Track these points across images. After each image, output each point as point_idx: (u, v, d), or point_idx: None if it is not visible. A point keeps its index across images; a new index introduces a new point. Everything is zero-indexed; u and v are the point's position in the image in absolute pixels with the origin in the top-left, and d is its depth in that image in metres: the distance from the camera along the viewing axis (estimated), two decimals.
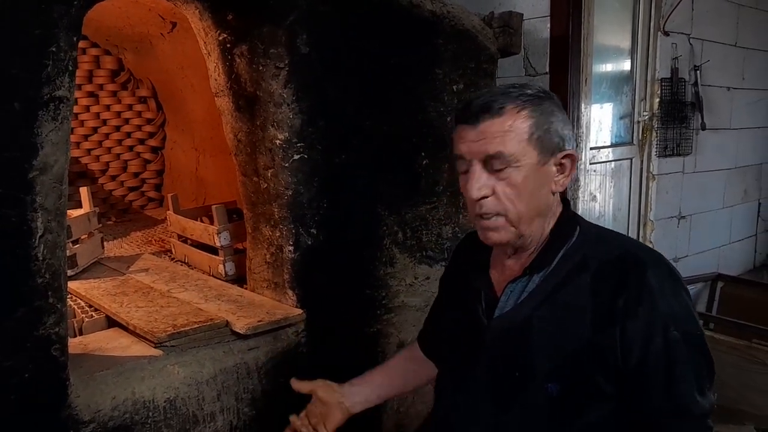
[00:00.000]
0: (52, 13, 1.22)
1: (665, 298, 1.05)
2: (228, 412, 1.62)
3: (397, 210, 2.03)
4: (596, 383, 1.05)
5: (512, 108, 1.08)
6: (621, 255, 1.10)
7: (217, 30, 1.76)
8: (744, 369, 2.49)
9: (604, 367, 1.05)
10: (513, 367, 1.12)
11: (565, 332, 1.08)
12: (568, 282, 1.10)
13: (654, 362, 1.03)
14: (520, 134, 1.07)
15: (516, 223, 1.11)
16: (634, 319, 1.03)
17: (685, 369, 1.04)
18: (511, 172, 1.08)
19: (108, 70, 3.00)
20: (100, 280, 2.08)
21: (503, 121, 1.07)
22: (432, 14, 2.05)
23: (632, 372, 1.04)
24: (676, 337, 1.04)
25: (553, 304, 1.10)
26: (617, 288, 1.06)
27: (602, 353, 1.05)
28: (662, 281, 1.06)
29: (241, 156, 1.88)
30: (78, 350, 1.57)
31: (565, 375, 1.07)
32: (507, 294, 1.16)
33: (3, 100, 1.18)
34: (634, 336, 1.03)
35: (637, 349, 1.03)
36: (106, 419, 1.39)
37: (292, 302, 1.84)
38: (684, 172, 3.90)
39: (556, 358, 1.08)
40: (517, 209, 1.10)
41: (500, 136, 1.07)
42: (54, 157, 1.26)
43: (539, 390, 1.08)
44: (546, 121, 1.09)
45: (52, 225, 1.28)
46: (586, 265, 1.10)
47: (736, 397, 2.49)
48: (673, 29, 3.59)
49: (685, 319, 1.06)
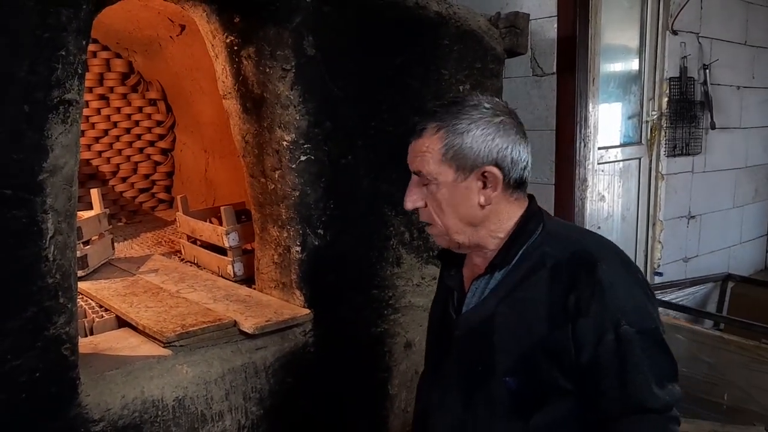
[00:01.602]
0: (61, 16, 1.24)
1: (616, 294, 1.06)
2: (236, 411, 1.64)
3: (403, 210, 2.03)
4: (553, 379, 1.08)
5: (431, 128, 1.14)
6: (575, 252, 1.12)
7: (225, 32, 1.77)
8: (753, 369, 2.48)
9: (560, 364, 1.08)
10: (477, 362, 1.17)
11: (523, 328, 1.11)
12: (527, 279, 1.13)
13: (607, 359, 1.05)
14: (434, 154, 1.13)
15: (451, 233, 1.17)
16: (586, 316, 1.06)
17: (640, 363, 1.05)
18: (433, 188, 1.15)
19: (118, 72, 3.03)
20: (111, 280, 2.10)
21: (423, 141, 1.15)
22: (438, 15, 2.06)
23: (586, 369, 1.06)
24: (629, 332, 1.05)
25: (513, 301, 1.14)
26: (570, 285, 1.08)
27: (557, 350, 1.07)
28: (613, 277, 1.08)
29: (249, 157, 1.90)
30: (88, 350, 1.59)
31: (522, 370, 1.10)
32: (472, 291, 1.21)
33: (13, 103, 1.20)
34: (586, 333, 1.05)
35: (589, 346, 1.05)
36: (115, 418, 1.41)
37: (299, 302, 1.85)
38: (693, 171, 3.87)
39: (515, 353, 1.11)
40: (443, 222, 1.16)
41: (420, 156, 1.15)
42: (64, 159, 1.28)
43: (499, 384, 1.12)
44: (459, 140, 1.12)
45: (62, 226, 1.29)
46: (543, 262, 1.13)
47: (745, 397, 2.48)
48: (682, 28, 3.57)
49: (637, 313, 1.07)
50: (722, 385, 2.59)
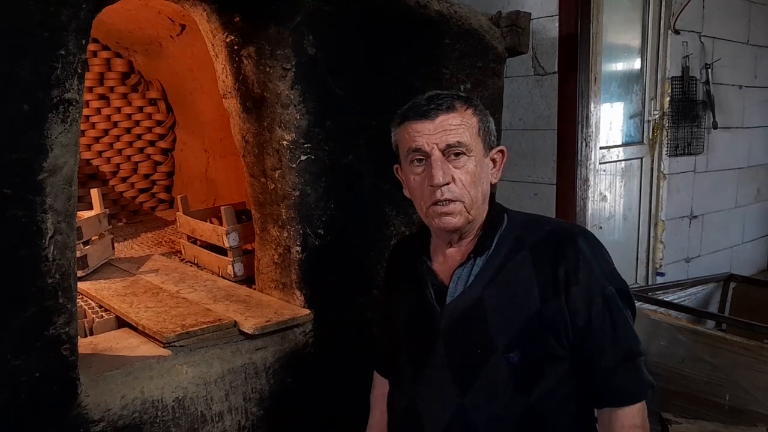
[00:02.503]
0: (61, 16, 1.23)
1: (597, 261, 1.20)
2: (236, 411, 1.63)
3: (404, 210, 2.03)
4: (551, 346, 1.17)
5: (460, 106, 1.22)
6: (551, 230, 1.24)
7: (225, 32, 1.77)
8: (756, 370, 2.46)
9: (556, 331, 1.17)
10: (473, 346, 1.21)
11: (515, 305, 1.19)
12: (509, 261, 1.22)
13: (599, 319, 1.17)
14: (471, 127, 1.21)
15: (469, 208, 1.21)
16: (576, 284, 1.17)
17: (624, 318, 1.20)
18: (467, 160, 1.20)
19: (118, 72, 3.03)
20: (111, 280, 2.10)
21: (456, 115, 1.20)
22: (439, 14, 2.05)
23: (582, 331, 1.17)
24: (612, 292, 1.19)
25: (499, 282, 1.22)
26: (556, 259, 1.19)
27: (552, 319, 1.17)
28: (591, 248, 1.21)
29: (249, 157, 1.89)
30: (88, 350, 1.59)
31: (523, 342, 1.17)
32: (455, 280, 1.25)
33: (13, 103, 1.19)
34: (578, 299, 1.17)
35: (583, 309, 1.17)
36: (115, 418, 1.41)
37: (299, 302, 1.85)
38: (695, 171, 3.87)
39: (512, 329, 1.18)
40: (471, 195, 1.21)
41: (456, 128, 1.19)
42: (63, 159, 1.28)
43: (501, 361, 1.18)
44: (486, 119, 1.25)
45: (61, 226, 1.29)
46: (522, 244, 1.23)
47: (748, 397, 2.47)
48: (684, 27, 3.57)
49: (614, 276, 1.22)
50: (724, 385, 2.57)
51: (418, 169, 1.23)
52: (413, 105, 1.24)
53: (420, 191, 1.23)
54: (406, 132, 1.23)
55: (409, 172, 1.25)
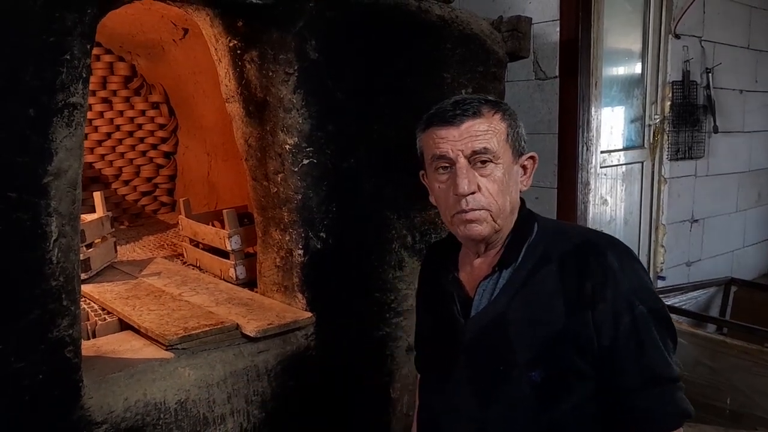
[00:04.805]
0: (66, 21, 1.25)
1: (627, 277, 1.12)
2: (238, 414, 1.64)
3: (406, 214, 2.04)
4: (575, 365, 1.11)
5: (487, 111, 1.17)
6: (580, 243, 1.17)
7: (228, 36, 1.78)
8: (756, 373, 2.47)
9: (580, 349, 1.11)
10: (495, 362, 1.17)
11: (539, 321, 1.14)
12: (535, 274, 1.17)
13: (625, 339, 1.10)
14: (499, 134, 1.16)
15: (496, 217, 1.17)
16: (603, 301, 1.10)
17: (654, 339, 1.11)
18: (494, 168, 1.15)
19: (121, 76, 3.05)
20: (113, 283, 2.11)
21: (483, 121, 1.16)
22: (440, 19, 2.06)
23: (607, 350, 1.10)
24: (642, 312, 1.11)
25: (524, 296, 1.16)
26: (582, 274, 1.12)
27: (577, 336, 1.11)
28: (621, 262, 1.13)
29: (252, 161, 1.90)
30: (91, 352, 1.59)
31: (545, 361, 1.12)
32: (480, 293, 1.21)
33: (18, 107, 1.20)
34: (605, 317, 1.10)
35: (609, 328, 1.10)
36: (118, 420, 1.41)
37: (301, 305, 1.85)
38: (696, 175, 3.87)
39: (535, 346, 1.13)
40: (498, 204, 1.16)
41: (483, 134, 1.15)
42: (68, 163, 1.29)
43: (522, 379, 1.13)
44: (516, 124, 1.20)
45: (66, 229, 1.30)
46: (549, 257, 1.17)
47: (748, 401, 2.47)
48: (684, 32, 3.58)
49: (646, 294, 1.13)
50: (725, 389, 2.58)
51: (442, 177, 1.18)
52: (438, 110, 1.19)
53: (445, 200, 1.19)
54: (431, 138, 1.18)
55: (433, 180, 1.21)
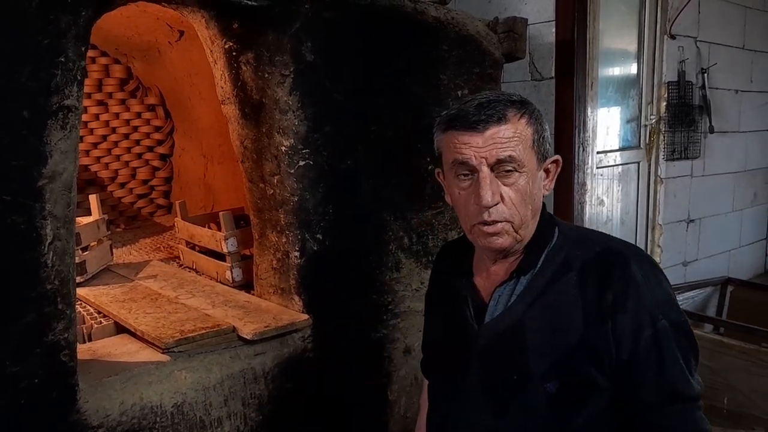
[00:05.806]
0: (60, 23, 1.24)
1: (650, 289, 1.07)
2: (235, 417, 1.63)
3: (402, 215, 2.03)
4: (591, 377, 1.07)
5: (513, 115, 1.09)
6: (603, 251, 1.12)
7: (224, 38, 1.78)
8: (753, 373, 2.47)
9: (598, 361, 1.07)
10: (509, 370, 1.13)
11: (557, 330, 1.09)
12: (555, 281, 1.12)
13: (645, 353, 1.05)
14: (525, 140, 1.09)
15: (518, 228, 1.12)
16: (623, 313, 1.05)
17: (675, 355, 1.06)
18: (518, 177, 1.09)
19: (117, 78, 3.04)
20: (109, 286, 2.10)
21: (509, 127, 1.08)
22: (436, 20, 2.06)
23: (625, 363, 1.06)
24: (664, 326, 1.06)
25: (542, 304, 1.12)
26: (603, 283, 1.08)
27: (595, 347, 1.06)
28: (645, 273, 1.08)
29: (248, 163, 1.90)
30: (87, 356, 1.59)
31: (561, 372, 1.08)
32: (495, 299, 1.17)
33: (12, 109, 1.20)
34: (625, 329, 1.05)
35: (629, 341, 1.05)
36: (114, 424, 1.41)
37: (298, 308, 1.85)
38: (692, 175, 3.88)
39: (552, 357, 1.09)
40: (521, 215, 1.11)
41: (508, 142, 1.08)
42: (63, 165, 1.28)
43: (537, 389, 1.09)
44: (542, 128, 1.13)
45: (61, 232, 1.29)
46: (569, 264, 1.12)
47: (746, 401, 2.48)
48: (680, 32, 3.58)
49: (670, 307, 1.08)
50: (722, 389, 2.58)
51: (463, 184, 1.12)
52: (460, 113, 1.10)
53: (465, 208, 1.13)
54: (451, 142, 1.11)
55: (453, 185, 1.15)
